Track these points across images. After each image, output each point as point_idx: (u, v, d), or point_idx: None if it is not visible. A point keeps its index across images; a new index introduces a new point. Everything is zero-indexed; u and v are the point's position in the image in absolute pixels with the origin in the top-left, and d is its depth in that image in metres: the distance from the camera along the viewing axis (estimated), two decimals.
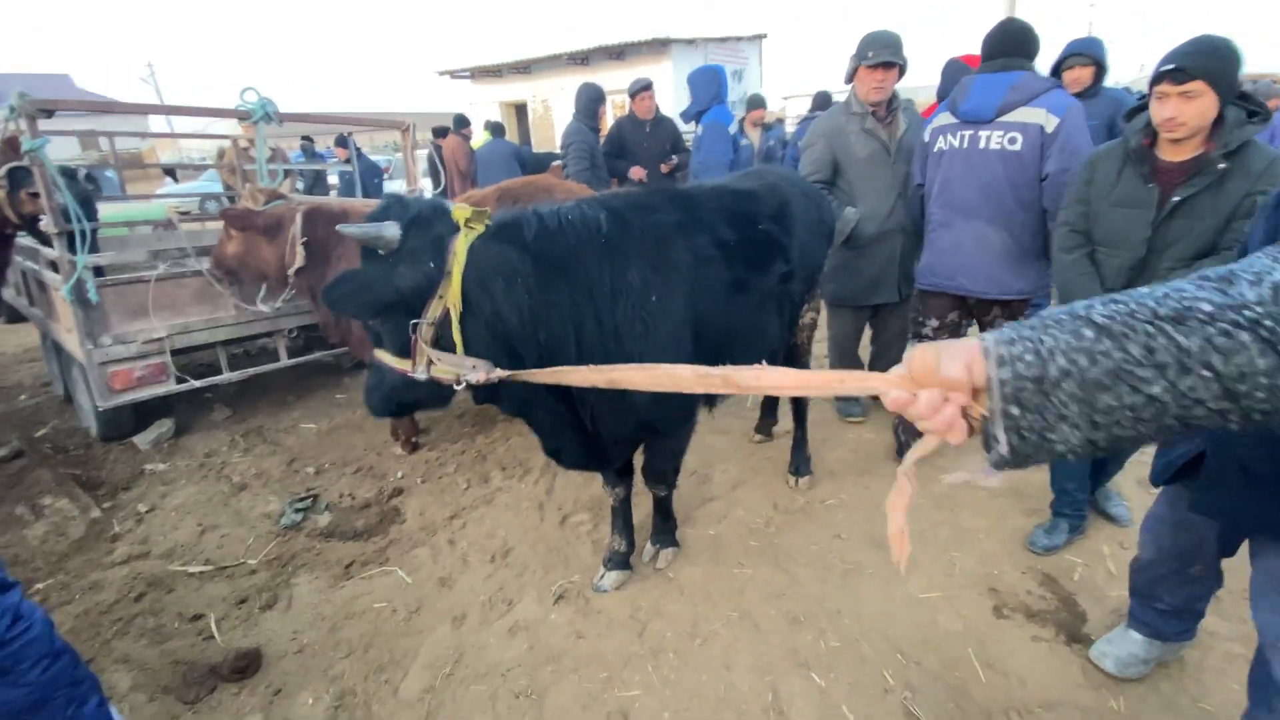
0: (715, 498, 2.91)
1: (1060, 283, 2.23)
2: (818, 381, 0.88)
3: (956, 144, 2.61)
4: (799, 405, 3.00)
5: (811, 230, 2.51)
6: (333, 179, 8.62)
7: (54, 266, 3.23)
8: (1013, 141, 2.47)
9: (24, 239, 3.60)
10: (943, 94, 3.83)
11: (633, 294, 1.79)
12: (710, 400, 2.37)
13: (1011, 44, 2.54)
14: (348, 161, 5.59)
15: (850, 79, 3.00)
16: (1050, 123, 2.41)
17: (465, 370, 1.57)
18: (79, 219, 2.92)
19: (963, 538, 2.57)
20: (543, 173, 6.80)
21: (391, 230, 1.56)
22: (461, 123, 8.11)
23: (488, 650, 2.10)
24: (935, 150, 2.69)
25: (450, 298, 1.59)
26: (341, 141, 7.22)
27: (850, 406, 3.61)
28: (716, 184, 2.36)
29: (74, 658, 1.54)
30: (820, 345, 4.23)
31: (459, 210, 1.65)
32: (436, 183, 7.68)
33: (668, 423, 2.07)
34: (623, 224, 1.85)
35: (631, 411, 1.90)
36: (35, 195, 2.87)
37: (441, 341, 1.61)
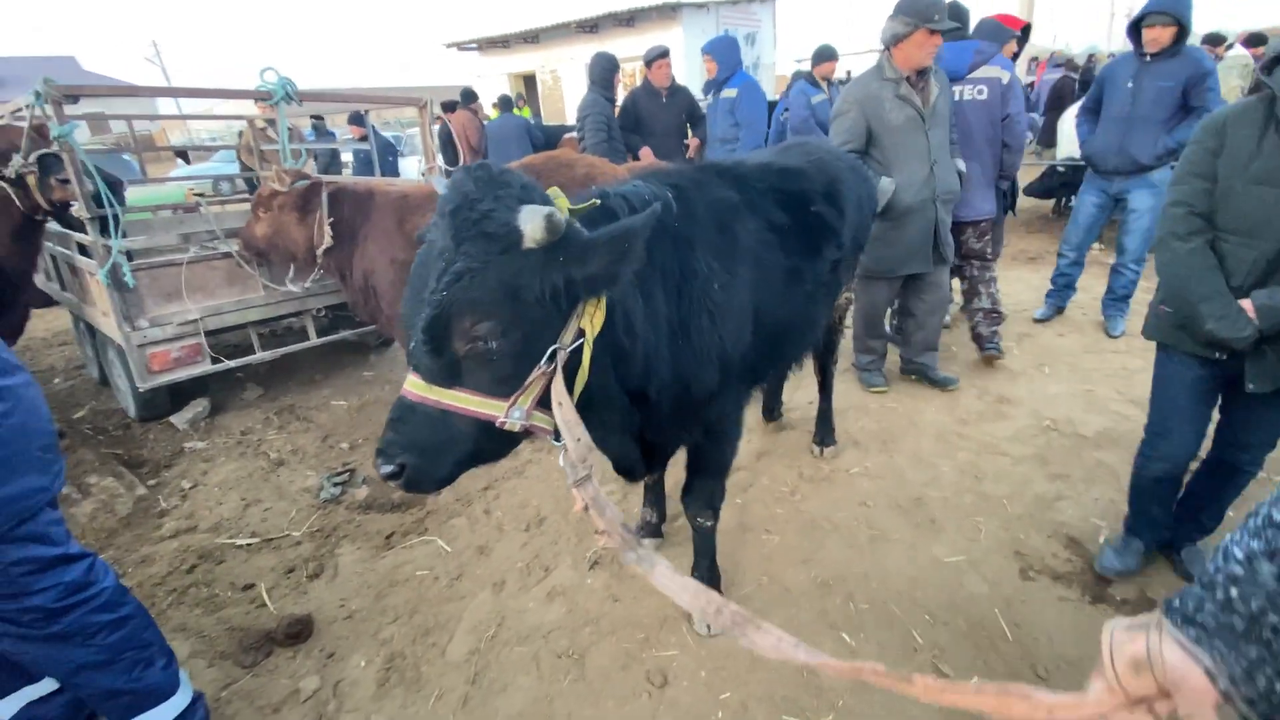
0: (741, 467, 2.96)
1: (1172, 276, 1.85)
2: (1012, 712, 0.75)
3: None
4: (825, 376, 3.02)
5: (860, 209, 2.38)
6: (346, 157, 8.61)
7: (85, 251, 3.30)
8: (980, 92, 3.39)
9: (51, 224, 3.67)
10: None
11: (698, 281, 1.58)
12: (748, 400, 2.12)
13: (961, 20, 3.57)
14: (363, 139, 5.58)
15: (894, 42, 2.88)
16: (1005, 76, 3.38)
17: (576, 433, 1.20)
18: (111, 204, 2.98)
19: (987, 504, 2.61)
20: (554, 147, 6.77)
21: (558, 217, 1.15)
22: (469, 97, 8.04)
23: (528, 614, 2.18)
24: None
25: (596, 312, 1.26)
26: (356, 119, 7.20)
27: (874, 377, 3.60)
28: (761, 160, 2.19)
29: (143, 621, 1.63)
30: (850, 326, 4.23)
31: (559, 198, 1.33)
32: (447, 159, 7.66)
33: (723, 421, 1.88)
34: (688, 203, 1.63)
35: (695, 407, 1.70)
36: (65, 182, 2.91)
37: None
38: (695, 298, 1.57)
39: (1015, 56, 4.45)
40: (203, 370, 3.46)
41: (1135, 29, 3.63)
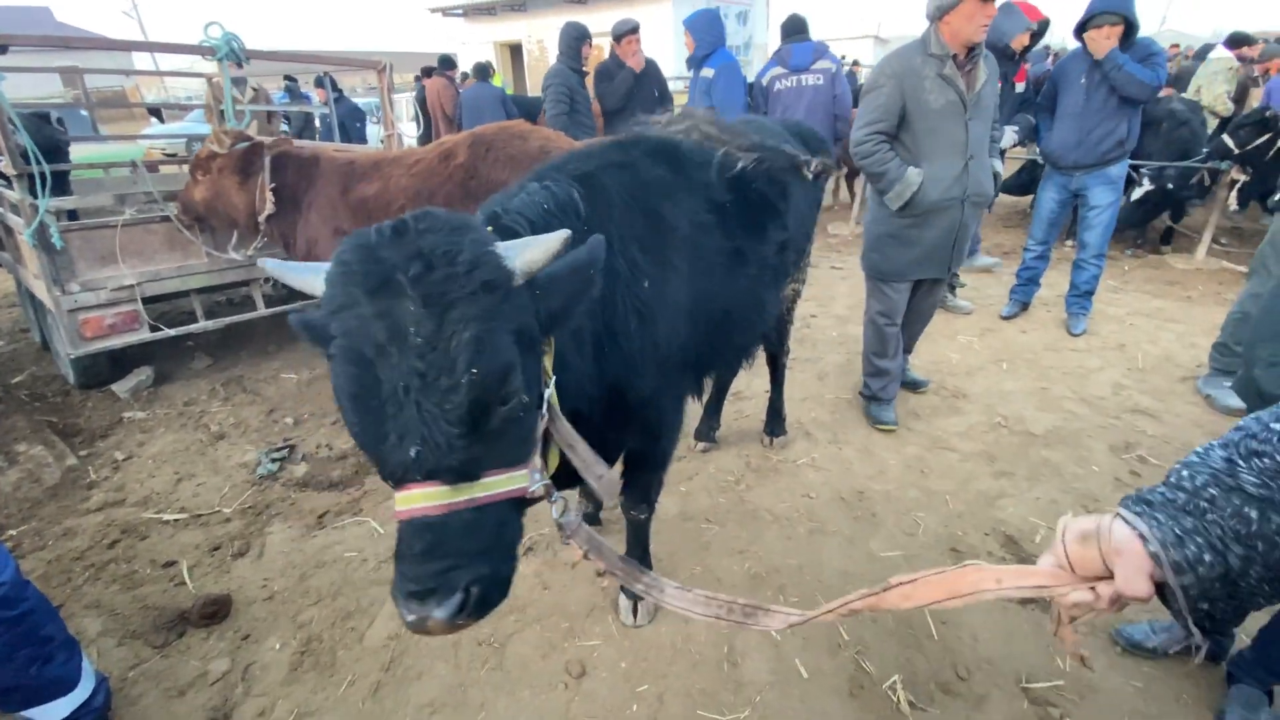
0: (687, 456, 2.92)
1: None
2: (966, 585, 0.83)
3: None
4: (775, 368, 2.97)
5: (806, 197, 2.35)
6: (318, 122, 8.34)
7: (16, 210, 3.14)
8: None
9: None
10: (994, 37, 3.85)
11: (620, 283, 1.45)
12: (699, 393, 2.10)
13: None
14: (325, 103, 5.40)
15: (940, 13, 2.51)
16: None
17: (598, 470, 1.15)
18: (38, 160, 2.82)
19: (929, 499, 2.60)
20: (534, 120, 6.59)
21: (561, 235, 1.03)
22: (446, 64, 7.80)
23: None
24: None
25: (549, 350, 1.14)
26: (320, 82, 6.95)
27: (884, 410, 3.11)
28: (709, 130, 2.13)
29: (43, 616, 1.55)
30: (816, 317, 4.16)
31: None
32: (421, 127, 7.44)
33: (661, 418, 1.77)
34: (603, 197, 1.50)
35: (629, 413, 1.59)
36: None
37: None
38: (619, 301, 1.45)
39: (1027, 49, 4.40)
40: (140, 338, 3.33)
41: (1081, 30, 3.61)
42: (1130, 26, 3.51)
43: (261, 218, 3.19)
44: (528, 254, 1.01)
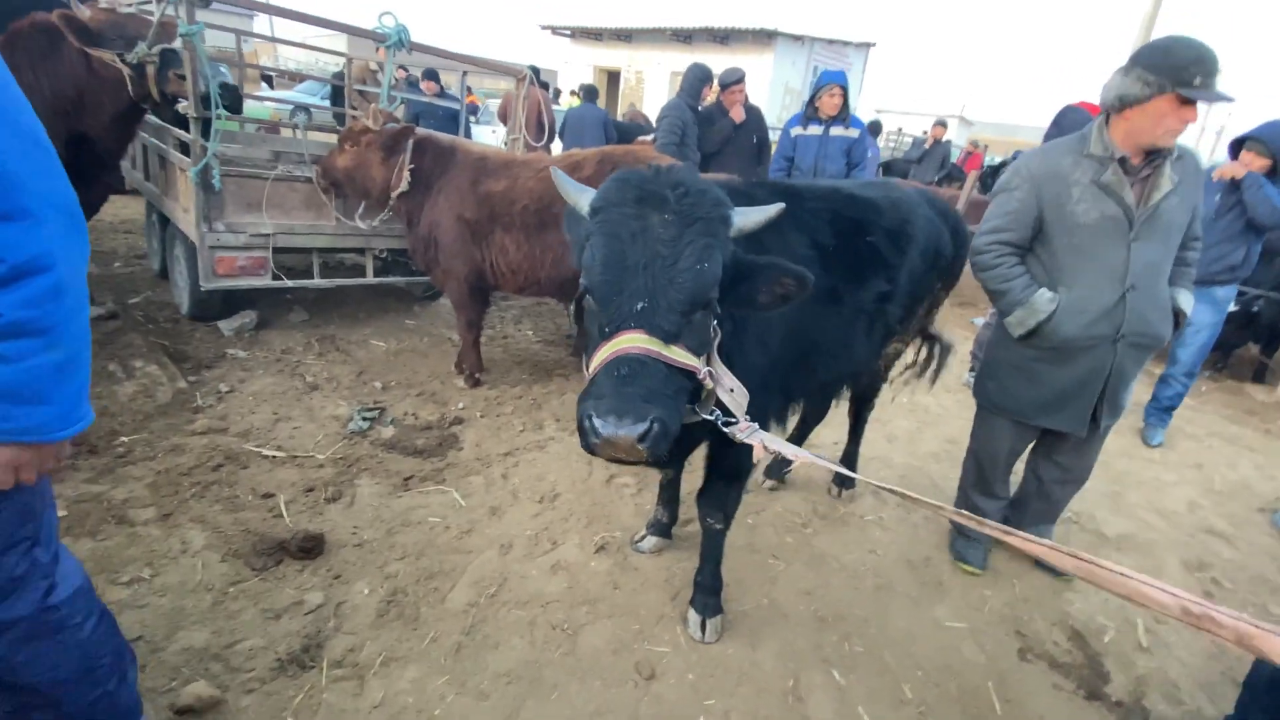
0: (754, 492, 2.97)
1: None
2: (1241, 629, 0.89)
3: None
4: (857, 421, 3.02)
5: (927, 259, 2.40)
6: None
7: (184, 149, 3.43)
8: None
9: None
10: (1048, 138, 3.78)
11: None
12: (781, 418, 2.21)
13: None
14: (439, 95, 5.75)
15: (1122, 106, 2.01)
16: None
17: (725, 381, 1.44)
18: (217, 106, 3.10)
19: (996, 580, 2.59)
20: (626, 144, 6.85)
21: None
22: (535, 74, 8.19)
23: (530, 581, 2.22)
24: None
25: None
26: (431, 75, 7.36)
27: (971, 550, 2.61)
28: (831, 184, 2.33)
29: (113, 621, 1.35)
30: (890, 383, 4.19)
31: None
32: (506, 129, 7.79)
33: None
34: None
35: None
36: (181, 78, 3.04)
37: None
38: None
39: None
40: (263, 283, 3.57)
41: (1237, 147, 3.65)
42: (1276, 164, 3.51)
43: (394, 194, 3.42)
44: (747, 217, 1.41)
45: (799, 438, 3.06)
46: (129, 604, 1.92)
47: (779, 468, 3.05)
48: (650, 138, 5.93)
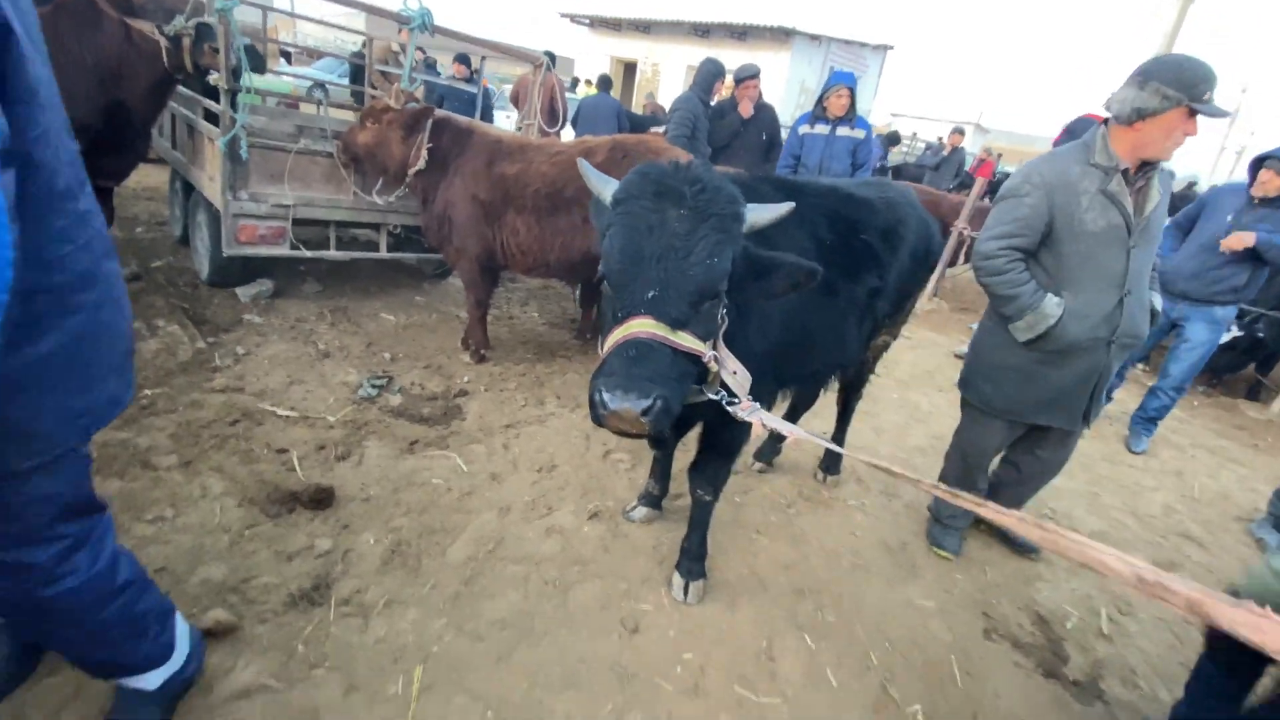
0: (743, 473, 3.10)
1: None
2: (1192, 596, 0.99)
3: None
4: (845, 409, 3.15)
5: (915, 258, 2.54)
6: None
7: (212, 119, 3.56)
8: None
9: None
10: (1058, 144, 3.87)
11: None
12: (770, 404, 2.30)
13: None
14: (469, 81, 5.86)
15: (1134, 118, 2.06)
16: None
17: (729, 365, 1.57)
18: (249, 76, 3.23)
19: (969, 566, 2.72)
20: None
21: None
22: (552, 60, 8.28)
23: (525, 541, 2.36)
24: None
25: None
26: (462, 59, 7.47)
27: (947, 537, 2.74)
28: (831, 183, 2.46)
29: (138, 591, 1.40)
30: (880, 376, 4.30)
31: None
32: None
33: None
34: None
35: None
36: (215, 50, 3.17)
37: None
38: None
39: None
40: (281, 253, 3.70)
41: (1257, 166, 3.69)
42: None
43: (411, 171, 3.54)
44: (758, 214, 1.51)
45: (789, 423, 3.17)
46: (153, 540, 2.06)
47: (769, 452, 3.17)
48: (662, 129, 6.03)
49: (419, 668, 1.78)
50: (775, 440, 3.17)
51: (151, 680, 1.49)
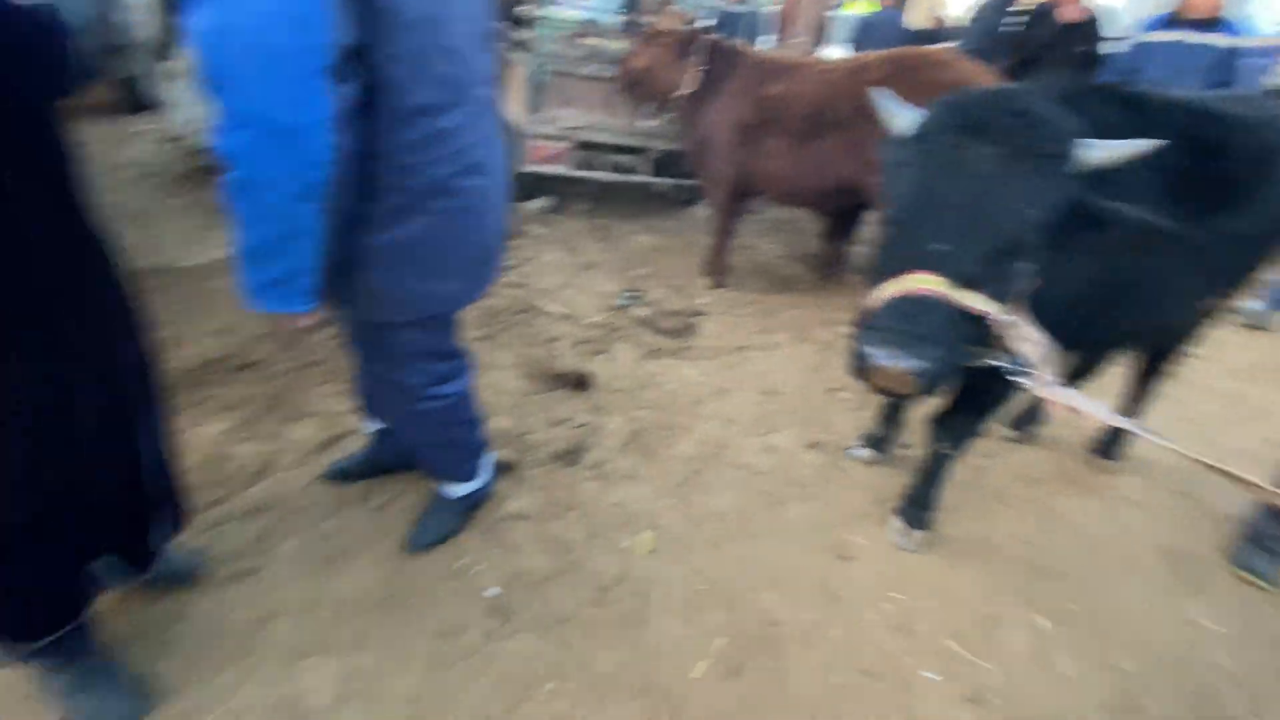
0: (991, 437, 2.80)
1: None
2: None
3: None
4: (1144, 384, 2.61)
5: None
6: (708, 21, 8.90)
7: (521, 46, 4.10)
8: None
9: None
10: None
11: None
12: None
13: None
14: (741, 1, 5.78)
15: None
16: None
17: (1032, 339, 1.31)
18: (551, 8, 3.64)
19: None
20: None
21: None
22: None
23: (745, 452, 2.50)
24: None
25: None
26: None
27: (1261, 562, 2.20)
28: (1184, 94, 1.89)
29: (469, 428, 1.87)
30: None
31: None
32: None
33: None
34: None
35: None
36: None
37: None
38: None
39: None
40: (564, 172, 4.21)
41: None
42: None
43: (681, 94, 3.69)
44: (1096, 153, 1.20)
45: (1027, 416, 2.75)
46: None
47: (1027, 423, 2.81)
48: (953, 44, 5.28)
49: (649, 532, 2.06)
50: (1039, 411, 2.79)
51: (463, 489, 1.95)
